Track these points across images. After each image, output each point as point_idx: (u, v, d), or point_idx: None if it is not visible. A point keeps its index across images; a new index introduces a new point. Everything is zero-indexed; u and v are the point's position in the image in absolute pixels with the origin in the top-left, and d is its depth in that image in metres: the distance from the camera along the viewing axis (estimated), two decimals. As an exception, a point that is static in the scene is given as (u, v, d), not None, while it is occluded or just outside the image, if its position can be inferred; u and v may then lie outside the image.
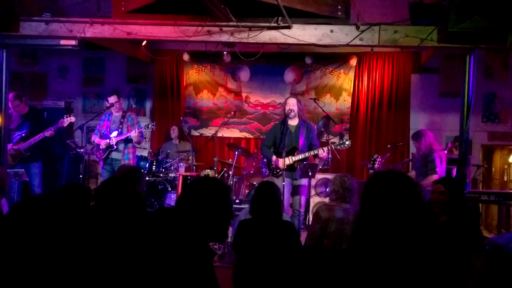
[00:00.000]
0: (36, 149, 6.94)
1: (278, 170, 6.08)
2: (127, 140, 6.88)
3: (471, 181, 7.31)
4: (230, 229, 3.97)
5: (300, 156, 6.02)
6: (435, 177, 6.29)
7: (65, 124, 6.95)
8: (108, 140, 6.80)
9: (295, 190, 6.06)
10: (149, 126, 7.06)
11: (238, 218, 4.49)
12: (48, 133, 6.79)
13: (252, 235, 3.77)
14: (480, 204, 7.26)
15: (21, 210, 1.51)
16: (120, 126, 6.88)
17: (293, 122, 6.19)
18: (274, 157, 6.10)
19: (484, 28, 5.01)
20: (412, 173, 6.44)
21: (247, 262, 3.72)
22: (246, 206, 5.16)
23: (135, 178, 3.85)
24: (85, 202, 3.31)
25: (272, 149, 6.25)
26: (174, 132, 8.52)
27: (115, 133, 6.84)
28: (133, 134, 6.74)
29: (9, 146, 6.81)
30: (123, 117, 6.96)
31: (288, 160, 5.97)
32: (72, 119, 6.98)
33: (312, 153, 6.04)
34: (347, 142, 6.23)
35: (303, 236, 4.75)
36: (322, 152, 6.01)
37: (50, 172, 7.53)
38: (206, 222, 2.10)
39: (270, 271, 3.60)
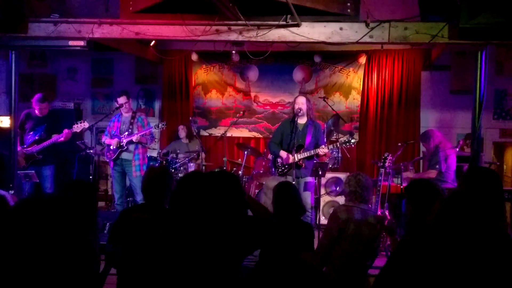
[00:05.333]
0: (50, 152, 6.97)
1: (283, 168, 6.13)
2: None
3: (483, 179, 7.22)
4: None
5: (306, 154, 6.07)
6: (434, 173, 6.30)
7: (78, 130, 6.97)
8: (118, 139, 6.78)
9: (301, 189, 6.05)
10: (159, 126, 7.01)
11: None
12: (60, 138, 6.85)
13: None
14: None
15: (22, 208, 1.54)
16: (130, 127, 6.85)
17: (302, 121, 6.25)
18: (285, 154, 6.12)
19: (496, 24, 4.94)
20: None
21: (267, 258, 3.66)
22: None
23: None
24: (90, 199, 3.31)
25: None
26: (182, 131, 8.49)
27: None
28: (135, 138, 6.71)
29: (20, 148, 6.82)
30: (133, 117, 6.94)
31: (295, 158, 6.00)
32: (86, 125, 6.98)
33: (317, 151, 6.06)
34: (352, 140, 6.26)
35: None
36: (322, 149, 6.07)
37: (60, 174, 7.53)
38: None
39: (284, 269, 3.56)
